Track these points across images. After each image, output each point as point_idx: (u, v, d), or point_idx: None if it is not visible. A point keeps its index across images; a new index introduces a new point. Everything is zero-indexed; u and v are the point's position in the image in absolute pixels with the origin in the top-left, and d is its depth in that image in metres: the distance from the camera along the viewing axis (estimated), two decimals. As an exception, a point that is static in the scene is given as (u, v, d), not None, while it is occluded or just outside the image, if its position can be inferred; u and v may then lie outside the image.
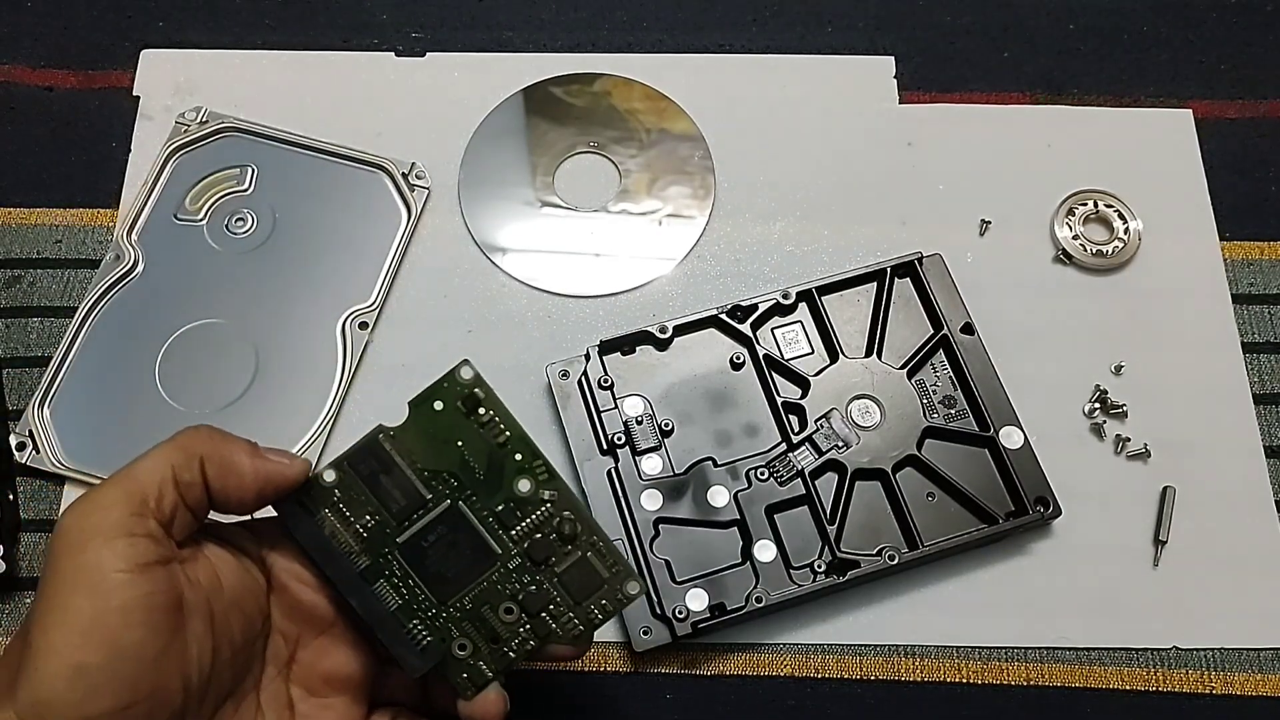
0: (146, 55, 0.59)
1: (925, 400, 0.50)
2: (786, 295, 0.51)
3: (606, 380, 0.49)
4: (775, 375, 0.50)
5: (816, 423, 0.49)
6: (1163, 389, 0.52)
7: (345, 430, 0.50)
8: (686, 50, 0.60)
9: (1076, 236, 0.55)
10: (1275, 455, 0.51)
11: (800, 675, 0.47)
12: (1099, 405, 0.51)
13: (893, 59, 0.59)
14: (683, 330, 0.51)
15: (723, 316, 0.50)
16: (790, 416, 0.49)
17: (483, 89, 0.58)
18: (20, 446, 0.49)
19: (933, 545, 0.46)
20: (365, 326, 0.52)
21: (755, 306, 0.51)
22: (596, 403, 0.49)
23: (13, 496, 0.49)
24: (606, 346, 0.50)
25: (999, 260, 0.55)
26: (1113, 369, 0.52)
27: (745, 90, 0.59)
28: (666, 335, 0.50)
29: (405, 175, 0.55)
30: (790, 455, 0.48)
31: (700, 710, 0.46)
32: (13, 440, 0.49)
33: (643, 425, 0.48)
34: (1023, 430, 0.48)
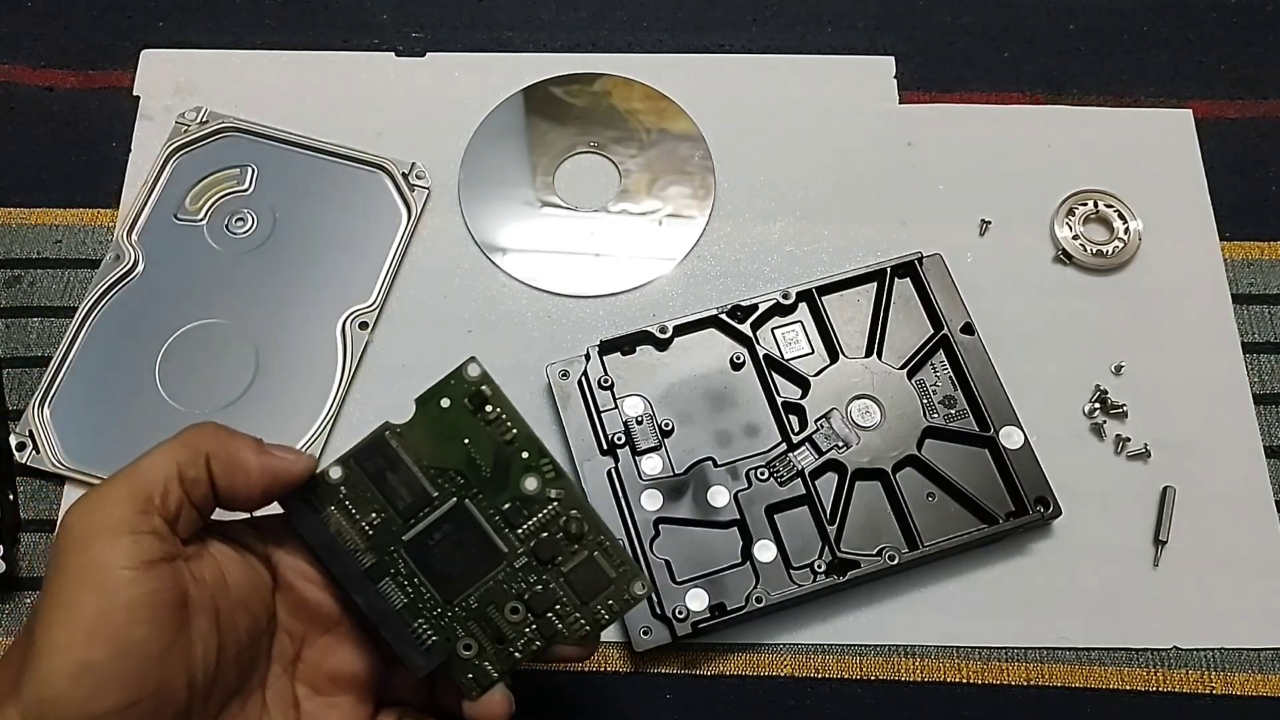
0: (146, 55, 0.59)
1: (925, 400, 0.50)
2: (786, 295, 0.51)
3: (606, 380, 0.49)
4: (775, 375, 0.50)
5: (816, 423, 0.49)
6: (1163, 389, 0.52)
7: (345, 430, 0.50)
8: (686, 50, 0.60)
9: (1076, 236, 0.55)
10: (1275, 455, 0.51)
11: (800, 675, 0.47)
12: (1099, 405, 0.51)
13: (893, 59, 0.59)
14: (683, 330, 0.51)
15: (723, 316, 0.50)
16: (790, 416, 0.49)
17: (483, 89, 0.58)
18: (20, 446, 0.49)
19: (933, 545, 0.46)
20: (365, 326, 0.52)
21: (755, 306, 0.51)
22: (596, 403, 0.49)
23: (13, 496, 0.49)
24: (606, 346, 0.50)
25: (999, 260, 0.55)
26: (1113, 369, 0.52)
27: (745, 90, 0.59)
28: (666, 335, 0.50)
29: (405, 175, 0.55)
30: (790, 455, 0.48)
31: (700, 710, 0.46)
32: (13, 440, 0.49)
33: (643, 425, 0.48)
34: (1023, 430, 0.48)
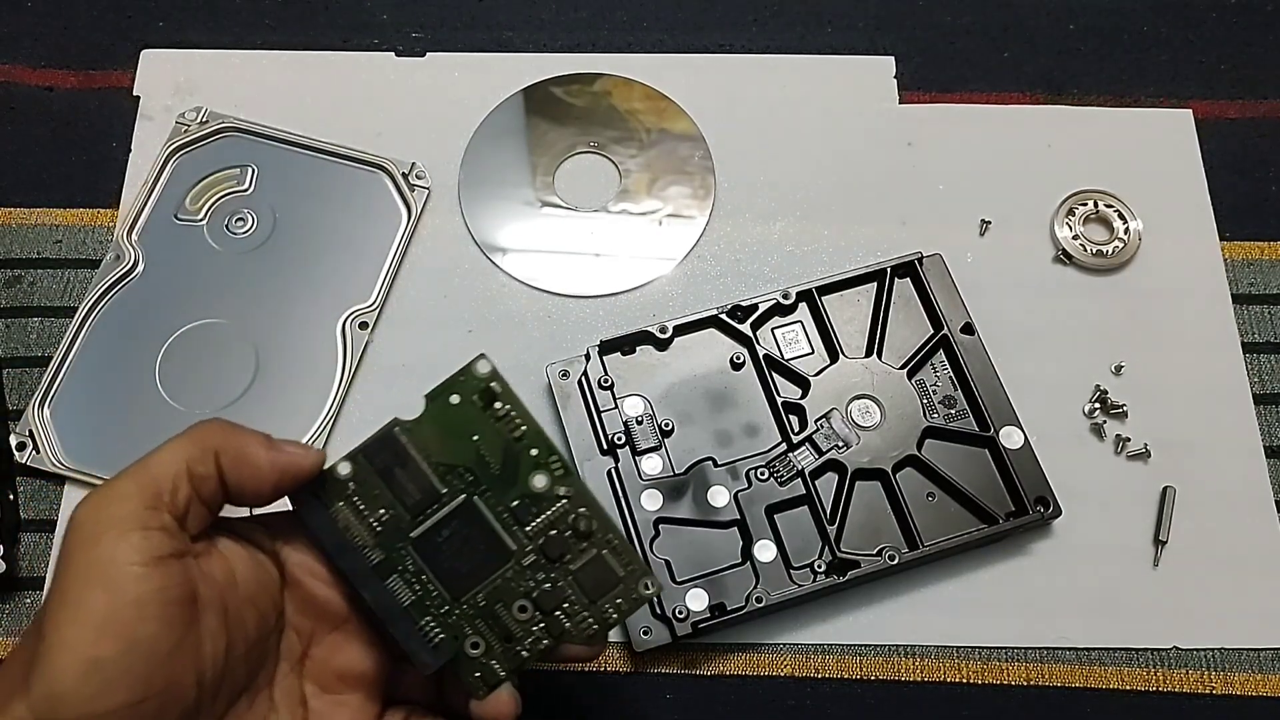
0: (146, 55, 0.59)
1: (925, 400, 0.50)
2: (786, 295, 0.51)
3: (606, 380, 0.49)
4: (775, 375, 0.50)
5: (816, 423, 0.49)
6: (1163, 389, 0.52)
7: (345, 430, 0.50)
8: (686, 50, 0.60)
9: (1076, 236, 0.55)
10: (1275, 455, 0.51)
11: (800, 675, 0.47)
12: (1099, 405, 0.51)
13: (893, 59, 0.59)
14: (683, 330, 0.51)
15: (723, 316, 0.50)
16: (790, 416, 0.49)
17: (483, 89, 0.58)
18: (20, 446, 0.49)
19: (933, 545, 0.46)
20: (365, 326, 0.52)
21: (755, 306, 0.51)
22: (597, 403, 0.49)
23: (13, 496, 0.49)
24: (606, 346, 0.50)
25: (999, 260, 0.55)
26: (1113, 369, 0.52)
27: (745, 90, 0.59)
28: (666, 335, 0.50)
29: (405, 175, 0.55)
30: (790, 455, 0.48)
31: (700, 710, 0.46)
32: (13, 440, 0.49)
33: (643, 425, 0.48)
34: (1023, 430, 0.48)
